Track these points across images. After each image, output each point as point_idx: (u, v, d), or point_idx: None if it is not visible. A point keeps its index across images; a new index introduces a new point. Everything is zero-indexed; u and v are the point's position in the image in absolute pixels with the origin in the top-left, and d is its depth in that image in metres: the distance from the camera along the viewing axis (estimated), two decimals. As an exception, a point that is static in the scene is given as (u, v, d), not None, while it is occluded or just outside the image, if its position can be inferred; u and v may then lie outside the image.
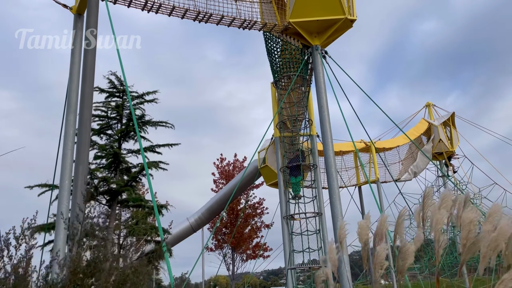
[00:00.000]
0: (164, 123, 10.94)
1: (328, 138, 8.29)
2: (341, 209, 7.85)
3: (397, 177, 18.57)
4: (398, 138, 19.11)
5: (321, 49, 8.92)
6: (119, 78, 10.91)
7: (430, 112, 20.30)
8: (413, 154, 19.20)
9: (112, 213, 10.18)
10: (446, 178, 19.11)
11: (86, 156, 6.13)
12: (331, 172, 8.15)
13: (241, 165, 20.16)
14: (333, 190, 7.98)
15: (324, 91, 8.51)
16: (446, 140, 19.24)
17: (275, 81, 9.15)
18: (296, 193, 8.82)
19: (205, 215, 16.48)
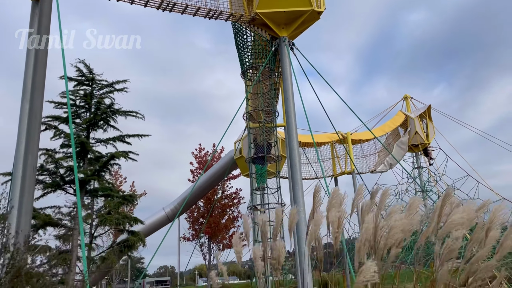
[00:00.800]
0: (134, 114, 10.86)
1: (293, 129, 8.34)
2: (303, 199, 7.93)
3: (373, 168, 18.80)
4: (375, 130, 19.30)
5: (288, 41, 8.92)
6: (88, 66, 10.77)
7: (407, 105, 20.53)
8: (390, 146, 19.44)
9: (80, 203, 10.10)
10: (421, 169, 19.43)
11: (36, 145, 6.06)
12: (294, 164, 8.21)
13: (219, 156, 20.16)
14: (296, 181, 8.06)
15: (290, 82, 8.53)
16: (422, 132, 19.51)
17: (243, 72, 9.14)
18: (258, 184, 8.87)
19: (181, 205, 16.51)
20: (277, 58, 9.16)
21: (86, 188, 10.31)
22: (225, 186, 19.43)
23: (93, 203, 11.31)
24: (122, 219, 12.00)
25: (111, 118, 10.67)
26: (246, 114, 8.76)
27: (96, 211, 11.41)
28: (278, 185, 9.26)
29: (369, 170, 18.79)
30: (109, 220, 11.00)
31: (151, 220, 16.16)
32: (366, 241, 2.89)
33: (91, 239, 11.32)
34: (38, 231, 9.56)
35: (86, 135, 10.45)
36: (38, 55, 6.09)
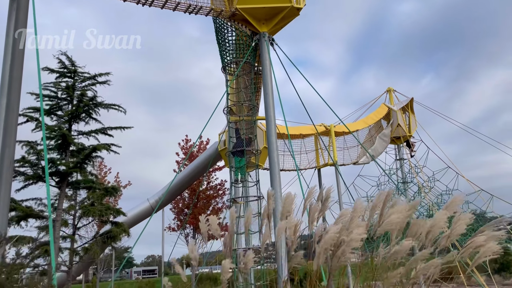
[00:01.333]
0: (116, 107, 10.91)
1: (272, 123, 8.51)
2: (281, 192, 8.14)
3: (355, 160, 19.13)
4: (358, 122, 19.60)
5: (268, 36, 9.04)
6: (70, 58, 10.76)
7: (390, 97, 20.83)
8: (372, 138, 19.77)
9: (61, 194, 10.20)
10: (402, 161, 19.84)
11: (13, 139, 6.13)
12: (272, 157, 8.40)
13: (205, 147, 20.29)
14: (274, 174, 8.26)
15: (270, 78, 8.68)
16: (404, 125, 19.87)
17: (223, 66, 9.25)
18: (236, 176, 9.05)
19: (165, 196, 16.64)
20: (258, 53, 9.29)
21: (68, 180, 10.38)
22: (210, 177, 19.61)
23: (76, 194, 11.39)
24: (105, 211, 12.11)
25: (93, 111, 10.72)
26: (226, 108, 8.90)
27: (80, 202, 11.50)
28: (257, 178, 9.47)
29: (352, 162, 19.12)
30: (92, 212, 11.11)
31: (135, 211, 16.28)
32: (326, 250, 3.10)
33: (74, 230, 11.44)
34: (19, 222, 9.64)
35: (68, 128, 10.49)
36: (15, 50, 6.12)
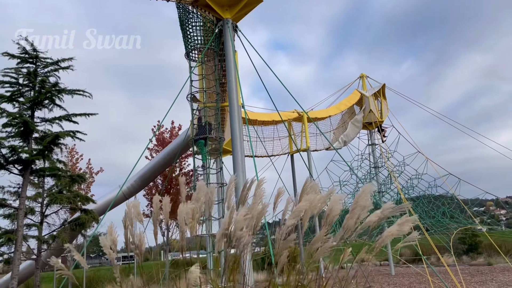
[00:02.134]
0: (81, 92, 10.73)
1: (235, 110, 8.55)
2: (244, 179, 8.23)
3: (328, 146, 19.38)
4: (331, 108, 19.80)
5: (232, 23, 8.99)
6: (32, 43, 10.50)
7: (363, 83, 21.07)
8: (345, 124, 20.04)
9: (24, 182, 10.06)
10: (374, 146, 20.19)
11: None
12: (235, 144, 8.47)
13: (177, 133, 20.22)
14: (237, 162, 8.34)
15: (234, 65, 8.67)
16: (376, 111, 20.17)
17: (187, 53, 9.19)
18: (204, 161, 9.06)
19: (137, 183, 16.57)
20: (222, 40, 9.24)
21: (32, 168, 10.24)
22: (183, 164, 19.61)
23: (43, 182, 11.25)
24: (73, 198, 12.03)
25: (57, 97, 10.52)
26: (189, 95, 8.88)
27: (48, 190, 11.38)
28: (220, 166, 9.54)
29: (325, 147, 19.38)
30: (60, 199, 11.01)
31: (107, 197, 16.18)
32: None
33: (42, 218, 11.34)
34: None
35: (31, 115, 10.29)
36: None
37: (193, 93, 8.77)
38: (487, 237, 25.83)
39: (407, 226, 3.11)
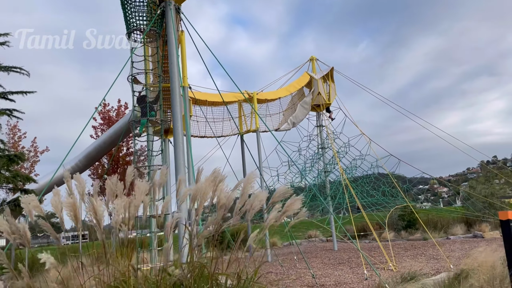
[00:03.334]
0: (18, 69, 10.36)
1: (176, 92, 8.62)
2: (184, 161, 8.41)
3: (277, 127, 19.83)
4: (281, 90, 20.17)
5: (174, 5, 8.95)
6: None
7: (313, 66, 21.54)
8: (295, 105, 20.52)
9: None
10: (321, 127, 20.88)
11: None
12: (176, 127, 8.58)
13: (124, 113, 19.87)
14: (178, 143, 8.47)
15: (175, 47, 8.69)
16: (324, 93, 20.78)
17: (128, 33, 9.08)
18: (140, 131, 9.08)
19: (82, 162, 16.26)
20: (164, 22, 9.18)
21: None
22: (130, 143, 19.36)
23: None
24: (13, 178, 11.73)
25: (-10, 74, 10.09)
26: (130, 77, 8.82)
27: (-16, 169, 11.01)
28: (162, 147, 9.65)
29: (274, 128, 19.81)
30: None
31: (50, 177, 15.80)
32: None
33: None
34: None
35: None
36: None
37: (133, 74, 8.73)
38: (424, 213, 27.68)
39: (296, 205, 3.45)
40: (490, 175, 33.98)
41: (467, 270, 6.79)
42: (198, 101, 17.11)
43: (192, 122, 17.24)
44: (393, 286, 6.96)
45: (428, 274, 9.79)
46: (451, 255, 13.83)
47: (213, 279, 3.02)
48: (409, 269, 11.08)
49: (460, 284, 6.30)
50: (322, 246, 23.83)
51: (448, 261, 11.57)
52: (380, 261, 13.68)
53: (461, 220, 24.07)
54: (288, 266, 15.01)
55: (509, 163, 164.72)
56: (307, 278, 11.02)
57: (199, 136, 17.42)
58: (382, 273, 10.75)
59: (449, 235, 22.81)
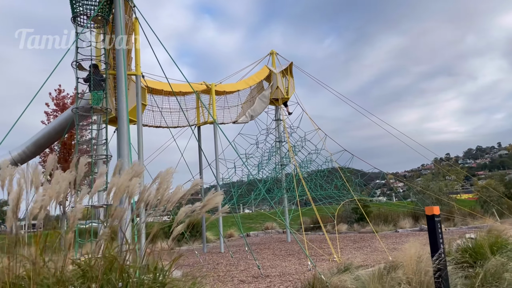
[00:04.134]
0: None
1: (122, 81, 8.47)
2: (129, 151, 8.31)
3: (235, 119, 19.88)
4: (240, 82, 20.20)
5: (123, -9, 8.75)
6: None
7: (273, 60, 21.68)
8: (253, 98, 20.62)
9: None
10: (279, 121, 21.12)
11: None
12: (121, 116, 8.44)
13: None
14: (122, 133, 8.35)
15: (122, 34, 8.50)
16: (283, 88, 20.99)
17: (73, 17, 8.79)
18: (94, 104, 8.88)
19: (30, 149, 15.62)
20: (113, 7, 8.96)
21: None
22: (84, 131, 18.81)
23: None
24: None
25: None
26: (74, 63, 8.57)
27: None
28: (105, 137, 9.48)
29: (232, 121, 19.85)
30: None
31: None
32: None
33: None
34: None
35: None
36: None
37: (78, 60, 8.48)
38: (376, 207, 28.69)
39: (218, 199, 3.52)
40: (441, 172, 35.61)
41: (397, 263, 7.16)
42: (154, 90, 16.85)
43: (147, 112, 16.98)
44: (329, 277, 7.23)
45: (368, 266, 10.22)
46: (396, 247, 14.47)
47: (123, 271, 3.04)
48: (352, 261, 11.52)
49: (388, 276, 6.64)
50: (277, 238, 24.25)
51: (388, 253, 12.10)
52: (328, 252, 14.11)
53: (409, 214, 25.17)
54: (239, 257, 15.18)
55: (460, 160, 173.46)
56: (255, 269, 11.21)
57: (154, 126, 17.19)
58: (326, 264, 11.11)
59: (398, 228, 23.81)
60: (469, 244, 8.98)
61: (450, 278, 6.84)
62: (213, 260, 14.61)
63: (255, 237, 27.18)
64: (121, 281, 2.94)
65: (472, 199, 34.28)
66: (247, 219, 34.30)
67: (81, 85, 8.85)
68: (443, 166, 39.48)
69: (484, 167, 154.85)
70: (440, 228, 6.34)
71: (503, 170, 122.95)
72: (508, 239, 9.93)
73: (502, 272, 6.70)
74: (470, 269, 7.92)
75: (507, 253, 7.96)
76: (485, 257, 8.09)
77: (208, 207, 3.54)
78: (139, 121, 12.33)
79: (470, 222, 22.82)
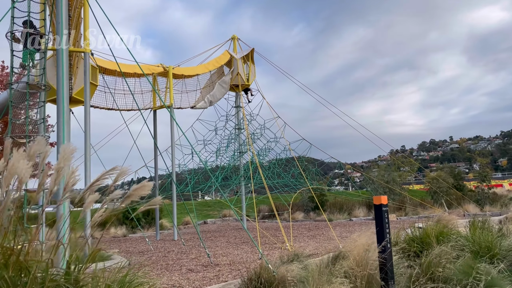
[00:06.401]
0: None
1: (62, 57, 7.83)
2: (69, 133, 7.73)
3: (193, 104, 19.34)
4: (199, 66, 19.63)
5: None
6: None
7: (234, 45, 21.22)
8: (213, 83, 20.12)
9: None
10: (239, 108, 20.79)
11: None
12: (59, 95, 7.83)
13: (24, 76, 18.00)
14: (59, 114, 7.75)
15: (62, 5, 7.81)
16: (243, 74, 20.62)
17: (10, -16, 7.99)
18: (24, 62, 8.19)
19: (-33, 128, 14.50)
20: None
21: None
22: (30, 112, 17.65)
23: None
24: None
25: None
26: (10, 33, 7.81)
27: None
28: (43, 116, 8.82)
29: (190, 106, 19.30)
30: None
31: None
32: None
33: None
34: None
35: None
36: None
37: (13, 31, 7.73)
38: (332, 196, 29.15)
39: (145, 190, 3.19)
40: (395, 163, 36.65)
41: (345, 252, 7.09)
42: (107, 71, 16.00)
43: (99, 93, 16.14)
44: (276, 266, 7.06)
45: (318, 254, 10.19)
46: (348, 236, 14.64)
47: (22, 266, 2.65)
48: (303, 249, 11.49)
49: (336, 265, 6.55)
50: (234, 225, 24.10)
51: (338, 242, 12.18)
52: (282, 240, 14.07)
53: (364, 203, 25.73)
54: (192, 244, 14.87)
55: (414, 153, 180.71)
56: (206, 257, 10.95)
57: (106, 108, 16.37)
58: (277, 253, 11.01)
59: (352, 217, 24.29)
60: (416, 233, 9.12)
61: (397, 267, 6.86)
62: (165, 248, 14.21)
63: (212, 224, 26.92)
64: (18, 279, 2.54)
65: (423, 189, 35.59)
66: (205, 206, 33.95)
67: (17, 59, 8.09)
68: (398, 158, 40.65)
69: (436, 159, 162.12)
70: (387, 218, 6.31)
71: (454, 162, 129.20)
72: (453, 229, 10.20)
73: (444, 262, 6.79)
74: (417, 259, 8.03)
75: (450, 243, 8.12)
76: (431, 246, 8.22)
77: (133, 198, 3.19)
78: (86, 102, 11.61)
79: (421, 211, 23.63)
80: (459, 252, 7.77)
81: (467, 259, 6.88)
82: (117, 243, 17.28)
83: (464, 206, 23.93)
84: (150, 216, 23.30)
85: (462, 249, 8.07)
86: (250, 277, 6.83)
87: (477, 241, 8.24)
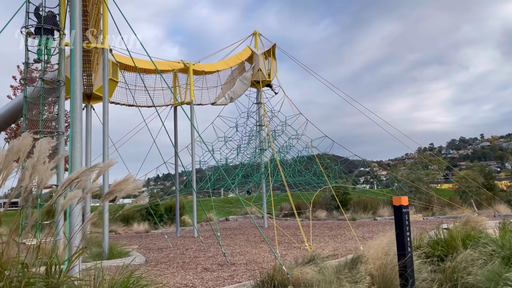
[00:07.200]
0: None
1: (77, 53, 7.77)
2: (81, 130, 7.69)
3: (214, 101, 19.22)
4: (220, 63, 19.48)
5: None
6: None
7: (256, 41, 20.97)
8: (234, 80, 19.94)
9: None
10: (260, 104, 20.55)
11: None
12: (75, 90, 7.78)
13: (48, 73, 18.34)
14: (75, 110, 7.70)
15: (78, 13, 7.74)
16: (265, 70, 20.34)
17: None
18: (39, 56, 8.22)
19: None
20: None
21: None
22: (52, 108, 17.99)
23: None
24: None
25: None
26: (24, 29, 7.81)
27: None
28: (58, 112, 8.82)
29: (210, 102, 19.20)
30: None
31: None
32: None
33: None
34: None
35: None
36: None
37: (28, 26, 7.73)
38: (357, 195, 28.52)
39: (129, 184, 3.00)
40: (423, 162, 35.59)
41: (363, 255, 6.75)
42: (128, 67, 16.06)
43: (119, 89, 16.23)
44: (292, 268, 6.80)
45: (337, 256, 9.85)
46: (371, 236, 14.19)
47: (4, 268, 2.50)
48: (322, 250, 11.17)
49: (352, 270, 6.23)
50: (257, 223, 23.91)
51: (359, 243, 11.78)
52: (301, 240, 13.76)
53: (389, 202, 25.02)
54: (211, 242, 14.76)
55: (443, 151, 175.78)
56: (222, 256, 10.79)
57: (126, 105, 16.45)
58: (296, 253, 10.73)
59: (376, 216, 23.67)
60: (441, 236, 8.65)
61: (419, 272, 6.47)
62: (184, 245, 14.16)
63: (233, 221, 26.81)
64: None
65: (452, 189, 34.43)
66: (228, 203, 33.91)
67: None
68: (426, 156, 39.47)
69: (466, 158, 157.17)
70: (407, 220, 5.93)
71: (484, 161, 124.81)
72: (482, 231, 9.65)
73: (470, 268, 6.35)
74: (441, 263, 7.59)
75: (479, 248, 7.62)
76: (456, 250, 7.76)
77: (117, 194, 2.99)
78: (105, 98, 11.63)
79: (448, 211, 22.78)
80: (487, 257, 7.28)
81: (495, 265, 6.41)
82: (138, 239, 17.40)
83: (494, 206, 22.92)
84: (172, 212, 23.41)
85: (490, 254, 7.56)
86: (263, 279, 6.59)
87: (507, 246, 7.70)
